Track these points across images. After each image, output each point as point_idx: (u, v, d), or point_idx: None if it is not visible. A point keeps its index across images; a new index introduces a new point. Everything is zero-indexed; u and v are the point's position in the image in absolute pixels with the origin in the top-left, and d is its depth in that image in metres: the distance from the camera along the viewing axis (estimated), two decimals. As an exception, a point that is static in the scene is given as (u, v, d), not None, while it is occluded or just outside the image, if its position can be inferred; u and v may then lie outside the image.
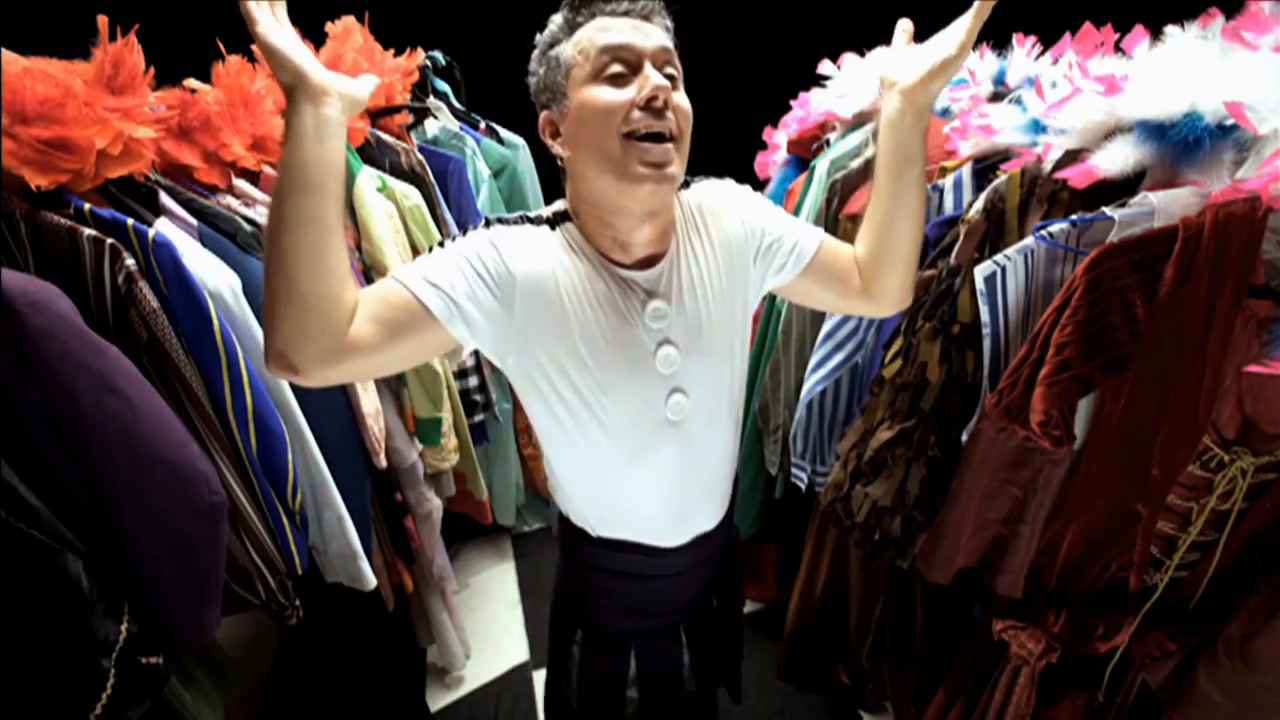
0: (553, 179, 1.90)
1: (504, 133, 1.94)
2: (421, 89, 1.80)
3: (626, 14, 0.72)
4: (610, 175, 0.71)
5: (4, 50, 0.77)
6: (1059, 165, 0.90)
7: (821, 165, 1.46)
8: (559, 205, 0.82)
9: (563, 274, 0.76)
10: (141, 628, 0.78)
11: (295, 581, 1.05)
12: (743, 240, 0.84)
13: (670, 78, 0.73)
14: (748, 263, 0.85)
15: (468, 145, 1.75)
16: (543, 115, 0.78)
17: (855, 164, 1.41)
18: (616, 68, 0.70)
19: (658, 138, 0.70)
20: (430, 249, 0.75)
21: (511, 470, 2.11)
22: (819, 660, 1.71)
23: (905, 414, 1.09)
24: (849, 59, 1.58)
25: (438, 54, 1.92)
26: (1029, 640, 1.03)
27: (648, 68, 0.70)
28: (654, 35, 0.72)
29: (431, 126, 1.77)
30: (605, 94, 0.70)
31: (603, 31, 0.71)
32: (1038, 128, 0.94)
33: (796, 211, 1.55)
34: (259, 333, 0.98)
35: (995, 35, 1.26)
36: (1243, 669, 0.83)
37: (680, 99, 0.73)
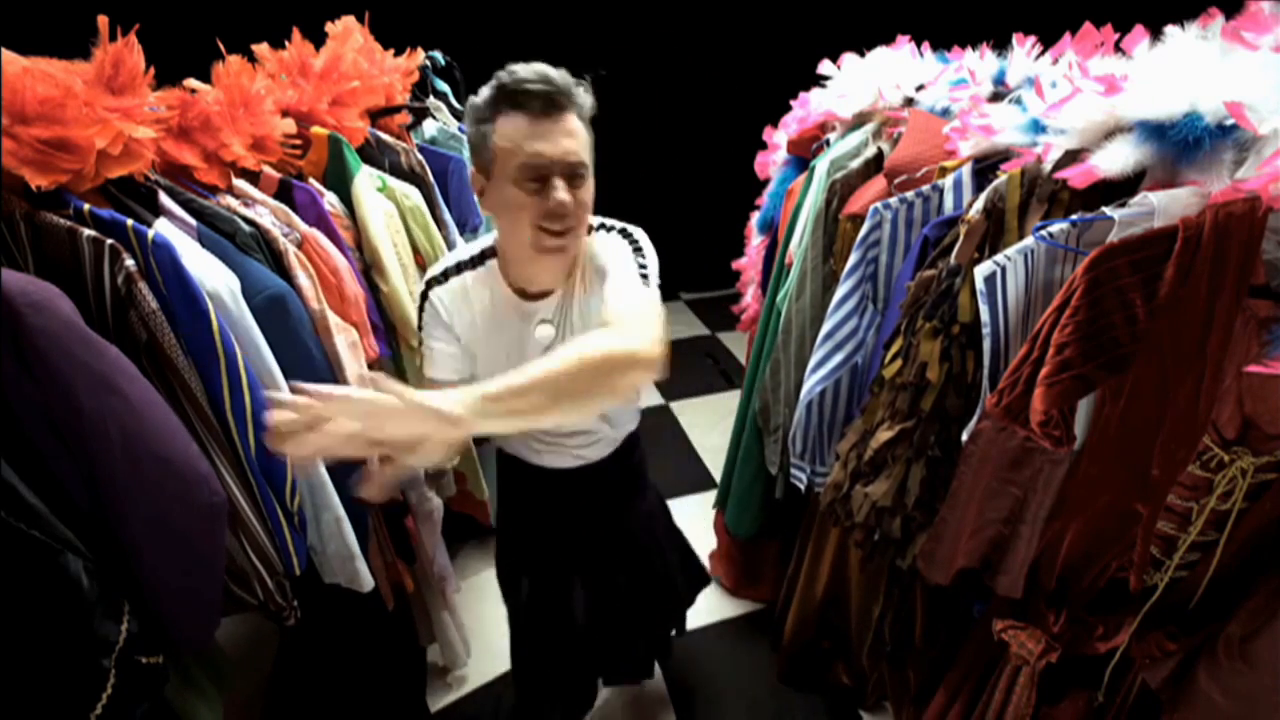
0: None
1: (504, 132, 1.94)
2: (421, 89, 1.81)
3: (541, 112, 0.83)
4: (523, 247, 0.90)
5: (4, 50, 0.77)
6: (1059, 165, 0.89)
7: (821, 165, 1.46)
8: (488, 241, 1.02)
9: (480, 310, 1.00)
10: (141, 628, 0.78)
11: (294, 582, 1.05)
12: None
13: (577, 175, 0.87)
14: None
15: (466, 145, 1.75)
16: (472, 172, 0.93)
17: (855, 164, 1.41)
18: (530, 183, 0.85)
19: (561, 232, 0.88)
20: (431, 251, 0.81)
21: (511, 470, 2.10)
22: (819, 661, 1.71)
23: (905, 414, 1.09)
24: (849, 59, 1.58)
25: (438, 54, 1.92)
26: (1029, 640, 1.03)
27: (555, 182, 0.85)
28: (560, 139, 0.84)
29: (429, 126, 1.77)
30: (521, 199, 0.86)
31: (519, 140, 0.83)
32: (1038, 128, 0.94)
33: (796, 211, 1.55)
34: (257, 333, 0.98)
35: (995, 35, 1.26)
36: (1243, 669, 0.83)
37: (581, 193, 0.88)
